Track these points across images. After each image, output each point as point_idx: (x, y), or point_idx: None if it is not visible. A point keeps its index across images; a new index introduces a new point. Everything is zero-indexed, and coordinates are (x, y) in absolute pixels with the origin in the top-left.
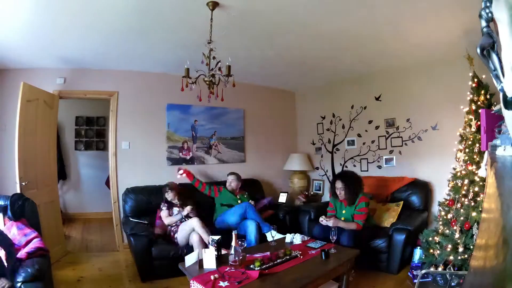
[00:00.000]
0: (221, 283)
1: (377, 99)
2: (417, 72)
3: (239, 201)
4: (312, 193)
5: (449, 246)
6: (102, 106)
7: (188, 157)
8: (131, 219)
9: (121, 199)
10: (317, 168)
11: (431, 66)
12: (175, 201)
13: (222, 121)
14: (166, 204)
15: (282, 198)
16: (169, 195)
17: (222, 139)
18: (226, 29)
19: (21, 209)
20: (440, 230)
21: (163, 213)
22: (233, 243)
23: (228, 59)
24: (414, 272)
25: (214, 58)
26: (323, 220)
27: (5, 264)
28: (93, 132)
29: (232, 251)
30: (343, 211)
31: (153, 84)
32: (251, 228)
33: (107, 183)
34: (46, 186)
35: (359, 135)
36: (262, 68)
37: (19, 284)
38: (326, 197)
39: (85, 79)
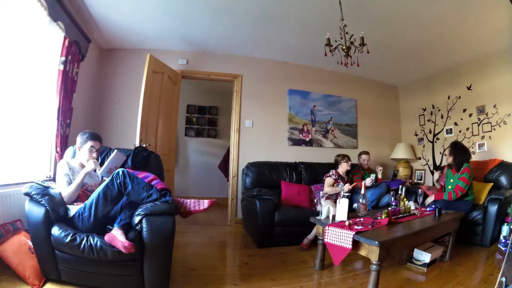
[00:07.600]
0: (356, 227)
1: (468, 88)
2: (500, 60)
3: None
4: (414, 181)
5: None
6: (214, 97)
7: (307, 139)
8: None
9: (241, 172)
10: (419, 158)
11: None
12: (343, 175)
13: (338, 108)
14: (336, 174)
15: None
16: (343, 167)
17: (337, 125)
18: (347, 16)
19: (146, 160)
20: None
21: (330, 180)
22: (362, 191)
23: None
24: (504, 242)
25: (347, 33)
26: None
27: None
28: (205, 120)
29: (362, 200)
30: (451, 180)
31: (274, 70)
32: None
33: (221, 166)
34: (164, 155)
35: (455, 124)
36: (371, 57)
37: (138, 218)
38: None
39: (207, 62)
